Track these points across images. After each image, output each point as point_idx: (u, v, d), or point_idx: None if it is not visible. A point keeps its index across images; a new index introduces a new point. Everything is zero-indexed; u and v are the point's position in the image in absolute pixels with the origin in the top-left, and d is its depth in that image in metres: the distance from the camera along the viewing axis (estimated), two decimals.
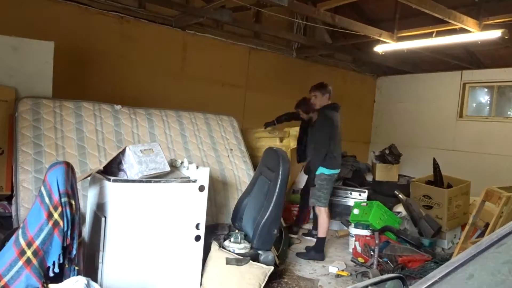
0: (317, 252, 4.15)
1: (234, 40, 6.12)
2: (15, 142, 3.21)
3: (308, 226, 5.63)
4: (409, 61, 7.41)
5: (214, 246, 3.10)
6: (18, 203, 2.94)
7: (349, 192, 5.62)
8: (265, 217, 3.09)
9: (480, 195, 3.67)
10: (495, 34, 4.58)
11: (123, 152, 2.73)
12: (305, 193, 4.92)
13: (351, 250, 4.45)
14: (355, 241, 4.29)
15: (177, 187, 2.74)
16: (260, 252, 3.15)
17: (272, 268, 3.06)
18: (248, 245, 3.16)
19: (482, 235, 4.26)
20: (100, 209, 2.64)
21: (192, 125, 4.20)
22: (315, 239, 4.34)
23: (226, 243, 3.18)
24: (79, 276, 2.07)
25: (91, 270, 2.54)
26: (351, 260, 4.06)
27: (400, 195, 5.24)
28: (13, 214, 2.96)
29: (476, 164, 6.58)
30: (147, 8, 5.19)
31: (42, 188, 2.17)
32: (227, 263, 2.94)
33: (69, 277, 2.17)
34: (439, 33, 5.04)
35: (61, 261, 2.13)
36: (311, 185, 4.25)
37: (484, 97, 7.43)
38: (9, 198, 3.28)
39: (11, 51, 3.52)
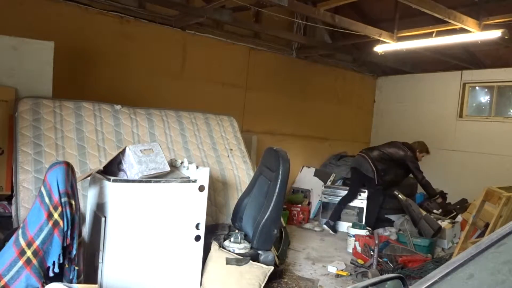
0: None
1: (234, 40, 6.11)
2: (15, 142, 3.21)
3: (309, 225, 5.65)
4: (409, 61, 7.40)
5: (214, 246, 3.10)
6: (18, 203, 2.94)
7: None
8: (265, 217, 3.09)
9: (480, 195, 3.67)
10: (495, 34, 4.58)
11: (123, 152, 2.73)
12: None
13: (350, 250, 4.45)
14: (355, 241, 4.29)
15: (177, 187, 2.74)
16: (260, 252, 3.15)
17: (272, 268, 3.07)
18: (248, 245, 3.16)
19: (482, 235, 4.26)
20: (100, 209, 2.64)
21: (192, 125, 4.20)
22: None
23: (226, 243, 3.18)
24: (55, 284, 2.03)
25: (91, 270, 2.54)
26: (351, 263, 4.05)
27: (399, 195, 5.24)
28: (13, 214, 2.96)
29: (476, 164, 6.58)
30: (147, 8, 5.19)
31: (42, 188, 2.17)
32: (227, 263, 2.94)
33: (69, 277, 2.17)
34: (439, 33, 5.03)
35: (61, 261, 2.13)
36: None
37: (484, 97, 7.42)
38: (9, 198, 3.28)
39: (11, 51, 3.52)
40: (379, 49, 5.69)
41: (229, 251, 3.08)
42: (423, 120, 7.50)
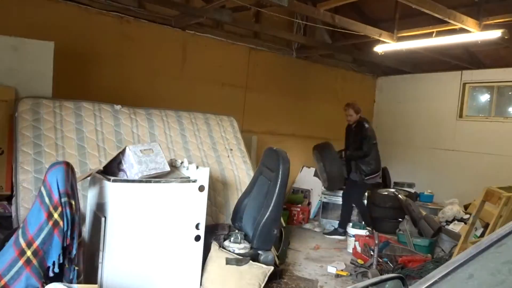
0: None
1: (234, 40, 6.11)
2: (15, 142, 3.21)
3: (309, 225, 5.65)
4: (409, 61, 7.40)
5: (214, 246, 3.10)
6: (18, 203, 2.94)
7: None
8: (265, 217, 3.10)
9: (480, 195, 3.67)
10: (495, 34, 4.58)
11: (123, 152, 2.73)
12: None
13: (350, 250, 4.46)
14: (355, 241, 4.29)
15: (177, 187, 2.74)
16: (260, 252, 3.16)
17: (272, 268, 3.07)
18: (248, 245, 3.16)
19: (482, 235, 4.26)
20: (100, 209, 2.64)
21: (192, 125, 4.20)
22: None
23: (226, 243, 3.18)
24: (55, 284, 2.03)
25: (91, 270, 2.54)
26: (351, 263, 4.05)
27: (399, 195, 5.24)
28: (13, 214, 2.96)
29: (476, 164, 6.57)
30: (147, 8, 5.18)
31: (42, 188, 2.17)
32: (227, 263, 2.95)
33: (69, 277, 2.18)
34: (439, 33, 5.03)
35: (61, 261, 2.13)
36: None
37: (484, 97, 7.42)
38: (9, 198, 3.28)
39: (11, 51, 3.52)
40: (379, 49, 5.68)
41: (229, 251, 3.08)
42: (423, 120, 7.50)
